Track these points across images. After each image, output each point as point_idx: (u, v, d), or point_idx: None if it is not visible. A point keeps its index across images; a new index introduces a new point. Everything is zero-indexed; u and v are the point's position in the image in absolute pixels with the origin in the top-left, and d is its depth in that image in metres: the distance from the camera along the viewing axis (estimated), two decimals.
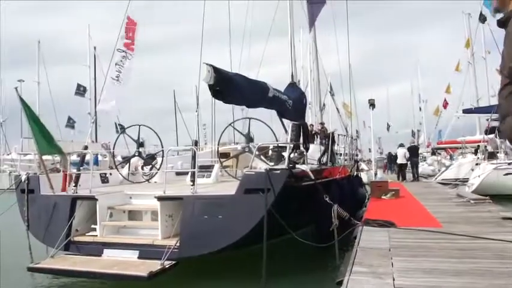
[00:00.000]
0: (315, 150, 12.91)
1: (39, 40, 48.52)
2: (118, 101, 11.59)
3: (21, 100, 9.83)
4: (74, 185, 9.58)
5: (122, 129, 23.60)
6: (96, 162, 14.98)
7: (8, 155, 49.48)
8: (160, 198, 8.47)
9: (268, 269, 6.81)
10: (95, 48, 47.17)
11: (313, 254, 8.48)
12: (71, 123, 45.62)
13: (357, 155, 20.80)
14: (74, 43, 72.56)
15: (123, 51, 11.26)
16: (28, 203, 9.43)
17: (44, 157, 10.25)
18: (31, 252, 9.17)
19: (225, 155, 12.21)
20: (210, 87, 9.63)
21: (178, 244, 7.89)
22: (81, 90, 46.30)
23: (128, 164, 12.64)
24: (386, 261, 6.07)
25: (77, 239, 8.96)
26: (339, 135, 14.78)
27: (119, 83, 11.18)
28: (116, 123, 42.83)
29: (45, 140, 9.91)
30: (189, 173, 9.23)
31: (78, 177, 9.74)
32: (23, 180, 9.59)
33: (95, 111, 19.08)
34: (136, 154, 12.38)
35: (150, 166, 12.54)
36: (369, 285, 5.04)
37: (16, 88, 10.63)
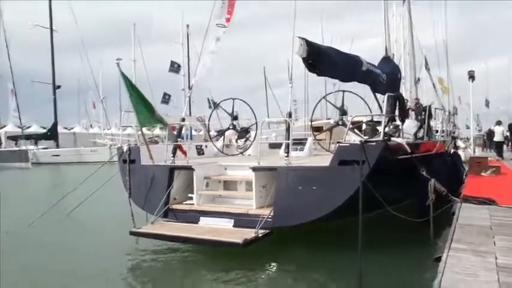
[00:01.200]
0: (410, 125, 12.51)
1: (135, 22, 51.15)
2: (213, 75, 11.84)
3: (122, 74, 10.36)
4: (172, 155, 10.00)
5: (214, 104, 24.17)
6: (190, 136, 15.49)
7: (108, 129, 52.56)
8: (255, 169, 8.65)
9: (363, 242, 6.74)
10: (187, 26, 48.51)
11: (409, 228, 8.29)
12: (166, 98, 47.31)
13: (454, 132, 19.91)
14: (167, 23, 75.18)
15: (223, 25, 11.38)
16: (130, 173, 9.97)
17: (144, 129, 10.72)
18: (133, 218, 9.71)
19: (317, 129, 12.17)
20: (303, 60, 9.57)
21: (272, 214, 8.04)
22: (175, 68, 47.92)
23: (222, 137, 12.97)
24: (487, 239, 5.85)
25: (175, 207, 9.39)
26: (436, 108, 14.21)
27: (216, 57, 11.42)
28: (208, 99, 44.18)
29: (146, 111, 10.36)
30: (283, 145, 9.30)
31: (176, 148, 10.13)
32: (124, 151, 10.13)
33: (189, 87, 19.60)
34: (231, 127, 12.67)
35: (244, 139, 12.78)
36: (469, 263, 4.88)
37: (118, 63, 11.19)
